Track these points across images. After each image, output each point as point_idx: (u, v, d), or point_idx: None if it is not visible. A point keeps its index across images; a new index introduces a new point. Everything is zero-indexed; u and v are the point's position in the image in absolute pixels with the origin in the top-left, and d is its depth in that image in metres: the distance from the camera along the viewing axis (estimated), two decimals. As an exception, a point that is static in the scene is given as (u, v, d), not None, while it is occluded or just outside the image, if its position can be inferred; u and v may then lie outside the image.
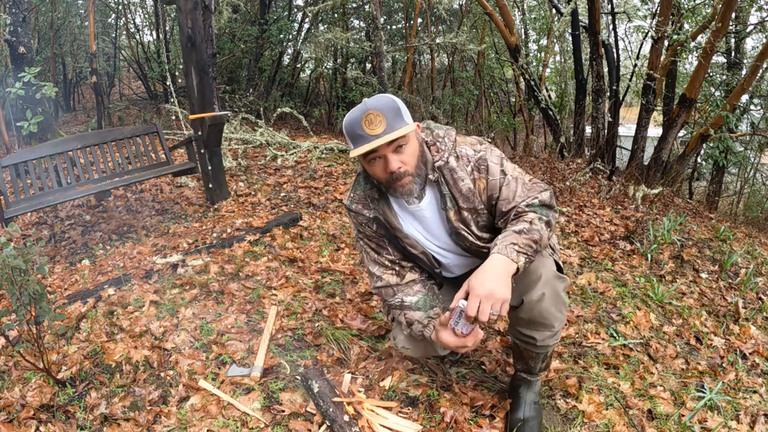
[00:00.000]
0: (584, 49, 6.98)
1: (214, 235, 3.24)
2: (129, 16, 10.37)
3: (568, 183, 4.67)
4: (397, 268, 1.65)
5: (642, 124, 6.15)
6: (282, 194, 4.05)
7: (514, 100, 11.02)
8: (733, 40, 7.84)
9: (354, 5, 10.08)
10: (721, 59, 8.35)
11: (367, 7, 9.66)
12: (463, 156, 1.52)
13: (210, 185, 3.82)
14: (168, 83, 6.91)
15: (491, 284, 1.31)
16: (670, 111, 6.42)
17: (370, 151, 1.40)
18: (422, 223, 1.61)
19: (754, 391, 2.11)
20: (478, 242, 1.58)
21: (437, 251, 1.66)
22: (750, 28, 7.55)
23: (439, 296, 1.67)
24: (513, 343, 1.70)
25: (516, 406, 1.74)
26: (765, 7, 6.71)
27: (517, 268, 1.37)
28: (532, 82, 6.87)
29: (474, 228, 1.57)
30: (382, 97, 1.42)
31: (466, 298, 1.36)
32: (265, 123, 5.98)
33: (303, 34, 9.92)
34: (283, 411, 1.74)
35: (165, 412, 1.74)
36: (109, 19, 10.09)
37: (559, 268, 1.63)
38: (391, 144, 1.40)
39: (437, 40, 9.14)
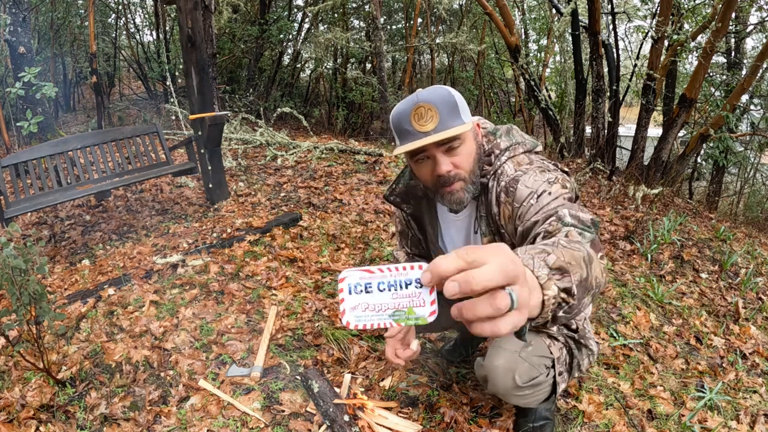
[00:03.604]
0: (584, 49, 6.98)
1: (214, 235, 3.24)
2: (129, 16, 10.38)
3: (568, 183, 4.66)
4: (410, 257, 1.68)
5: (642, 124, 6.15)
6: (282, 194, 4.05)
7: (514, 100, 11.03)
8: (733, 40, 7.84)
9: (354, 5, 10.09)
10: (721, 59, 8.35)
11: (367, 7, 9.66)
12: (501, 174, 1.27)
13: (210, 185, 3.82)
14: (168, 83, 6.91)
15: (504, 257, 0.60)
16: (670, 111, 6.42)
17: (417, 150, 1.21)
18: (458, 236, 1.45)
19: (754, 391, 2.11)
20: None
21: None
22: (750, 28, 7.55)
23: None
24: None
25: (527, 413, 1.66)
26: (765, 7, 6.71)
27: (543, 303, 0.68)
28: (532, 82, 6.87)
29: None
30: (437, 89, 1.20)
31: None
32: (265, 123, 5.98)
33: (303, 34, 9.93)
34: (283, 411, 1.74)
35: (165, 412, 1.74)
36: (109, 19, 10.08)
37: (554, 389, 1.42)
38: (442, 144, 1.20)
39: (437, 40, 9.14)
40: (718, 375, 2.18)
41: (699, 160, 7.66)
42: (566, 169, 1.30)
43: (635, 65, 7.69)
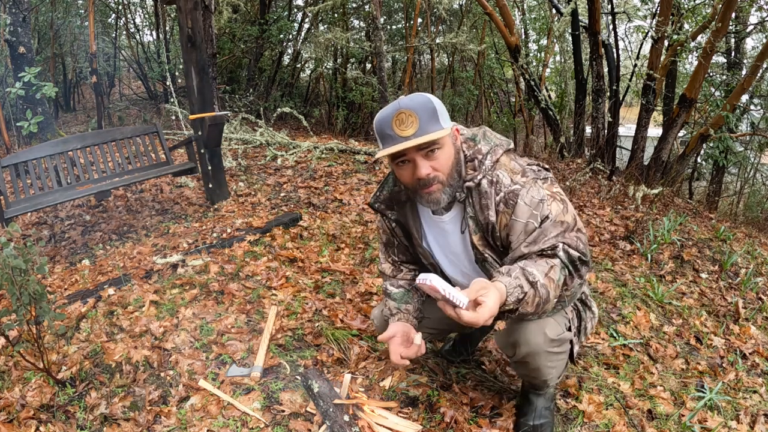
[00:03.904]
0: (584, 49, 6.98)
1: (214, 235, 3.24)
2: (129, 16, 10.37)
3: (568, 183, 4.67)
4: (397, 265, 1.71)
5: (642, 124, 6.15)
6: (282, 194, 4.05)
7: (514, 100, 11.03)
8: (733, 40, 7.84)
9: (354, 5, 10.09)
10: (721, 59, 8.35)
11: (367, 7, 9.66)
12: (497, 183, 1.36)
13: (210, 185, 3.82)
14: (168, 83, 6.92)
15: (492, 315, 1.16)
16: (670, 111, 6.43)
17: (397, 154, 1.30)
18: (444, 235, 1.53)
19: (754, 391, 2.11)
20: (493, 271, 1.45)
21: (447, 266, 1.59)
22: (750, 28, 7.56)
23: (417, 299, 1.67)
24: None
25: (526, 411, 1.68)
26: (765, 7, 6.71)
27: (504, 304, 1.21)
28: (532, 82, 6.87)
29: (491, 257, 1.44)
30: (417, 96, 1.30)
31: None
32: (265, 123, 5.98)
33: (303, 34, 9.93)
34: (283, 411, 1.74)
35: (165, 412, 1.74)
36: (109, 19, 10.08)
37: (572, 357, 1.56)
38: (421, 148, 1.29)
39: (437, 40, 9.14)
40: (718, 375, 2.18)
41: (699, 160, 7.66)
42: (547, 166, 1.44)
43: (635, 65, 7.69)
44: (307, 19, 9.80)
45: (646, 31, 7.48)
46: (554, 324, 1.46)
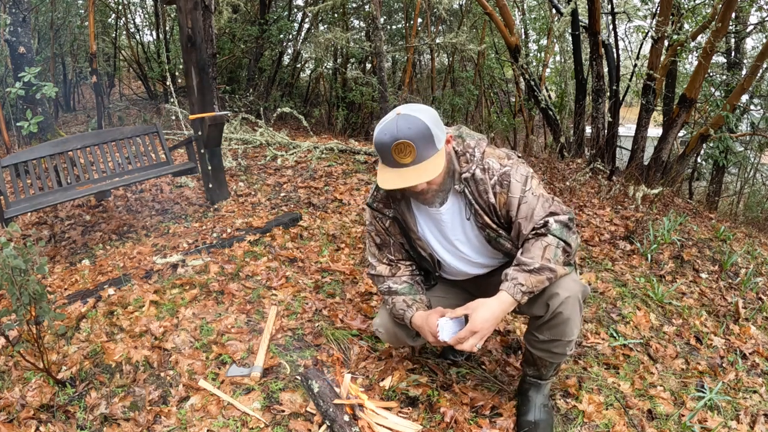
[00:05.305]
0: (584, 49, 6.98)
1: (214, 235, 3.24)
2: (129, 16, 10.37)
3: (568, 183, 4.67)
4: (393, 264, 1.73)
5: (642, 124, 6.15)
6: (282, 194, 4.05)
7: (514, 100, 11.02)
8: (733, 40, 7.84)
9: (354, 5, 10.08)
10: (721, 59, 8.35)
11: (367, 7, 9.66)
12: (489, 169, 1.53)
13: (210, 185, 3.82)
14: (168, 83, 6.91)
15: (490, 325, 1.45)
16: (670, 111, 6.42)
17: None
18: (439, 226, 1.64)
19: (754, 391, 2.11)
20: (509, 245, 1.58)
21: (444, 255, 1.68)
22: (750, 28, 7.56)
23: (423, 291, 1.73)
24: (527, 350, 1.68)
25: (526, 410, 1.72)
26: (765, 7, 6.71)
27: (518, 304, 1.46)
28: (532, 82, 6.86)
29: (504, 233, 1.58)
30: (414, 122, 1.38)
31: (462, 320, 1.50)
32: (265, 123, 5.97)
33: (303, 34, 9.93)
34: (283, 411, 1.74)
35: (165, 412, 1.74)
36: (109, 19, 10.07)
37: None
38: None
39: (437, 40, 9.13)
40: (718, 375, 2.18)
41: (699, 160, 7.66)
42: (519, 154, 1.63)
43: (635, 65, 7.69)
44: (307, 19, 9.80)
45: (646, 31, 7.48)
46: (574, 271, 1.58)
